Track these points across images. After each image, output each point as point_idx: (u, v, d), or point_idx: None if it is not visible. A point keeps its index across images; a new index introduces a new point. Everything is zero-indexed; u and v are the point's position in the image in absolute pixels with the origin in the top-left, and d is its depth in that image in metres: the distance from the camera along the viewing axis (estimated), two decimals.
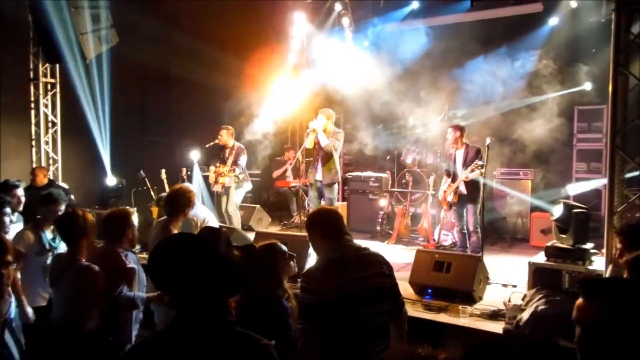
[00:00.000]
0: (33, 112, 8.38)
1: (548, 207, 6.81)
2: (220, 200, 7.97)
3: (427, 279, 5.22)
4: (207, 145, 8.13)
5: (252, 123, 9.31)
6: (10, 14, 7.61)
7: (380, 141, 9.85)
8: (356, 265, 2.75)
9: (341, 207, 9.00)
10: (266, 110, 9.49)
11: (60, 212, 4.41)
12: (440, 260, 5.25)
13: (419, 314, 4.71)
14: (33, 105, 8.38)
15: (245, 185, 8.12)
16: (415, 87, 9.06)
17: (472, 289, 4.95)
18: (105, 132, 8.40)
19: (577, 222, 4.97)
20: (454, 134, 6.92)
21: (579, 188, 8.11)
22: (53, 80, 8.48)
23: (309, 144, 7.39)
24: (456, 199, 6.90)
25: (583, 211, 5.08)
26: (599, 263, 4.84)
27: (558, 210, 5.17)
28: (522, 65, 8.51)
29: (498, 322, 4.45)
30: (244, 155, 7.94)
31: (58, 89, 8.49)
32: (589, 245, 5.04)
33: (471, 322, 4.52)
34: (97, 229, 3.61)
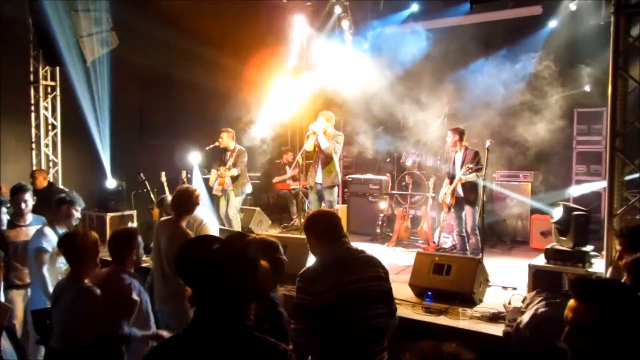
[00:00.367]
0: (33, 114, 8.38)
1: (548, 209, 6.81)
2: (220, 203, 7.97)
3: (427, 281, 5.20)
4: (207, 148, 8.13)
5: (251, 126, 9.31)
6: (10, 17, 7.61)
7: (380, 144, 9.85)
8: (353, 267, 2.76)
9: (341, 209, 9.00)
10: (266, 113, 9.51)
11: (75, 215, 4.62)
12: (440, 263, 5.24)
13: (419, 317, 4.70)
14: (33, 108, 8.37)
15: (246, 188, 8.12)
16: (415, 90, 9.07)
17: (472, 291, 4.95)
18: (105, 134, 8.39)
19: (577, 224, 4.97)
20: (453, 137, 6.92)
21: (579, 190, 8.13)
22: (53, 83, 8.48)
23: (309, 146, 7.39)
24: (454, 202, 6.90)
25: (583, 213, 5.08)
26: (599, 265, 4.85)
27: (558, 213, 5.17)
28: (521, 68, 8.51)
29: (498, 324, 4.44)
30: (245, 157, 7.94)
31: (58, 92, 8.48)
32: (589, 247, 5.04)
33: (471, 324, 4.50)
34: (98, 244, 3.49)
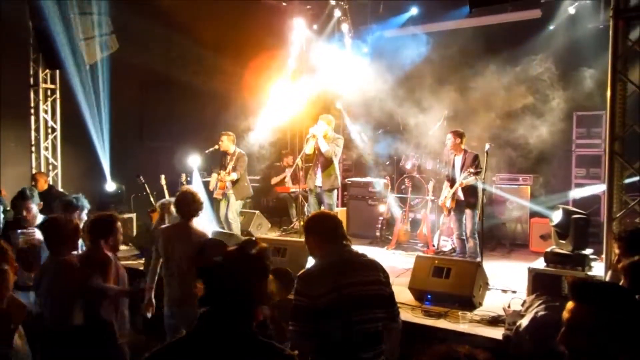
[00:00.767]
0: (33, 117, 8.38)
1: (547, 212, 6.80)
2: (220, 206, 7.97)
3: (426, 284, 5.21)
4: (207, 151, 8.13)
5: (251, 129, 9.32)
6: (10, 20, 7.62)
7: (380, 147, 9.86)
8: (352, 270, 2.74)
9: (340, 212, 8.99)
10: (265, 116, 9.51)
11: (83, 219, 4.73)
12: (439, 266, 5.24)
13: (418, 320, 4.70)
14: (33, 111, 8.38)
15: (247, 192, 8.11)
16: (415, 93, 9.07)
17: (471, 294, 4.95)
18: (105, 137, 8.40)
19: (576, 227, 4.98)
20: (453, 140, 6.92)
21: (578, 193, 8.13)
22: (53, 86, 8.49)
23: (309, 149, 7.39)
24: (454, 205, 6.90)
25: (582, 217, 5.09)
26: (599, 269, 4.85)
27: (557, 216, 5.18)
28: (520, 71, 8.51)
29: (498, 328, 4.44)
30: (245, 161, 7.94)
31: (58, 95, 8.49)
32: (589, 250, 5.05)
33: (471, 327, 4.50)
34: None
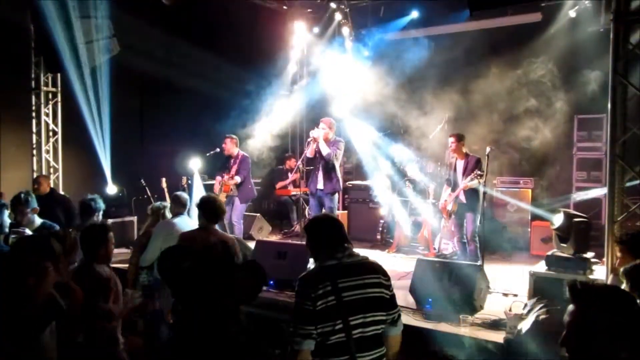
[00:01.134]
0: (34, 121, 8.38)
1: (548, 216, 6.79)
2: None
3: (427, 287, 5.19)
4: (208, 154, 8.14)
5: (253, 132, 9.33)
6: (11, 24, 7.65)
7: (381, 150, 9.85)
8: (354, 272, 2.73)
9: (341, 215, 8.99)
10: (267, 119, 9.53)
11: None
12: (440, 269, 5.22)
13: (419, 323, 4.70)
14: (34, 114, 8.39)
15: (251, 194, 8.11)
16: (416, 96, 9.08)
17: (472, 298, 4.94)
18: (106, 141, 8.40)
19: (577, 231, 4.98)
20: (454, 143, 6.93)
21: (579, 197, 8.12)
22: (54, 90, 8.50)
23: (310, 153, 7.40)
24: (455, 208, 6.90)
25: (583, 220, 5.09)
26: (600, 272, 4.85)
27: (558, 219, 5.18)
28: (521, 74, 8.53)
29: (499, 331, 4.42)
30: (248, 163, 7.95)
31: (59, 98, 8.50)
32: (590, 254, 5.04)
33: (472, 331, 4.49)
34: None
